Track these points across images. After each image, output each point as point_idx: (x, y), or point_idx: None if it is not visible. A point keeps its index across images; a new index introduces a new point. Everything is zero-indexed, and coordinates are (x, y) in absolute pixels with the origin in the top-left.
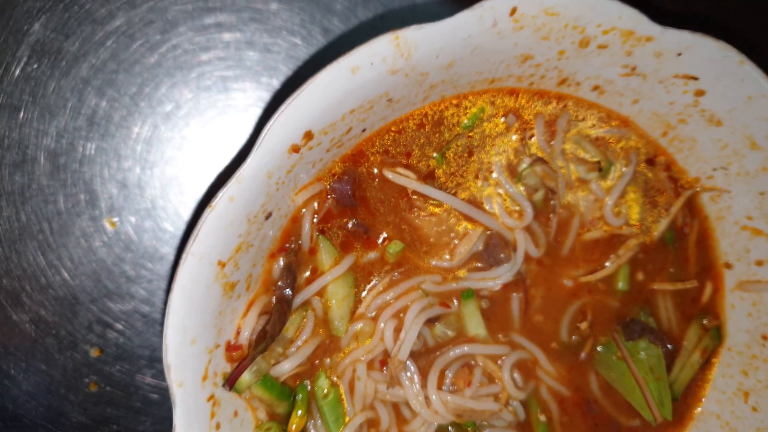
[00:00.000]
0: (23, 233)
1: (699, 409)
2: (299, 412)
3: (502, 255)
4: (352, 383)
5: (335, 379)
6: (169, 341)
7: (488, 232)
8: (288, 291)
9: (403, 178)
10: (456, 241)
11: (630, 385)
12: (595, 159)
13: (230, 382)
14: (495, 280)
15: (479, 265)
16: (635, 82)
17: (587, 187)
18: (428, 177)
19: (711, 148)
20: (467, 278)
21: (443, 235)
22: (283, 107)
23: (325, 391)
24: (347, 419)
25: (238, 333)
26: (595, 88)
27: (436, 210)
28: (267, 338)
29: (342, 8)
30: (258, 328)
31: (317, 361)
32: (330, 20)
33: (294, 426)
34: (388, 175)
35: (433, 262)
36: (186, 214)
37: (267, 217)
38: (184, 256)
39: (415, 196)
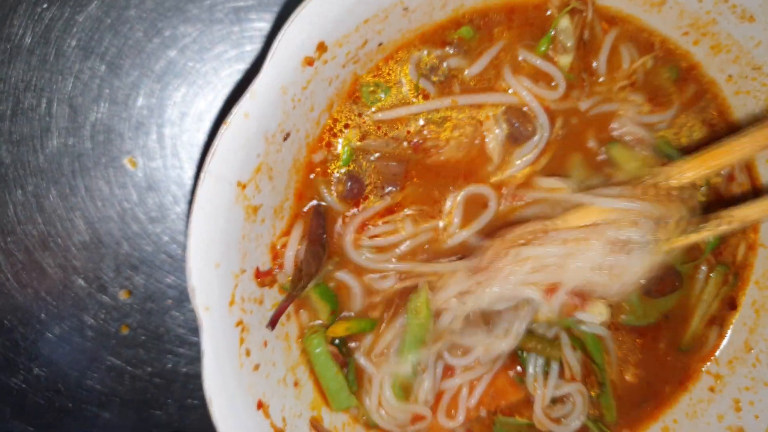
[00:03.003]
0: (44, 178)
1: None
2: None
3: (529, 128)
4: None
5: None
6: (192, 264)
7: (502, 110)
8: (321, 233)
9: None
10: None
11: None
12: None
13: (272, 323)
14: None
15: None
16: None
17: None
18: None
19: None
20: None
21: (471, 149)
22: (292, 17)
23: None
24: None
25: (274, 251)
26: None
27: (448, 135)
28: (303, 278)
29: None
30: (302, 250)
31: None
32: None
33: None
34: (379, 115)
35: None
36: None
37: (285, 138)
38: (201, 175)
39: (418, 139)
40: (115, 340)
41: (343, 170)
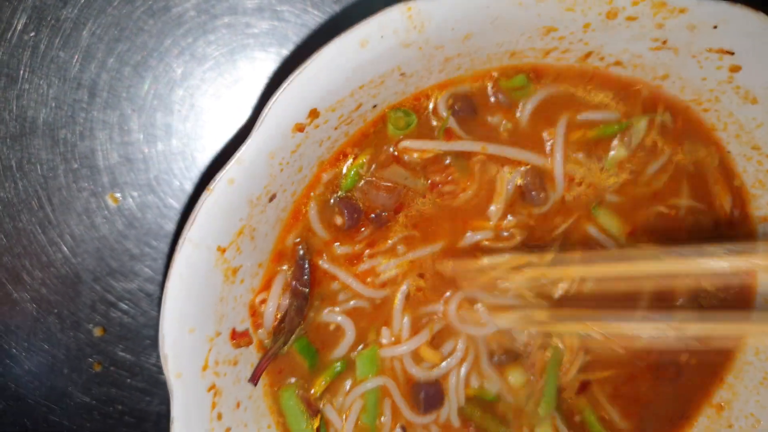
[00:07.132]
0: (23, 209)
1: None
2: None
3: (542, 194)
4: None
5: None
6: (166, 331)
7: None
8: (303, 288)
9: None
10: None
11: None
12: None
13: (254, 378)
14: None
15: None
16: (666, 57)
17: None
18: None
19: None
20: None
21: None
22: (285, 84)
23: None
24: None
25: (253, 309)
26: (622, 63)
27: (466, 184)
28: (286, 333)
29: None
30: (284, 304)
31: None
32: None
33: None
34: (406, 143)
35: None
36: (192, 190)
37: (271, 199)
38: (180, 242)
39: (437, 178)
40: (87, 377)
41: (339, 198)
